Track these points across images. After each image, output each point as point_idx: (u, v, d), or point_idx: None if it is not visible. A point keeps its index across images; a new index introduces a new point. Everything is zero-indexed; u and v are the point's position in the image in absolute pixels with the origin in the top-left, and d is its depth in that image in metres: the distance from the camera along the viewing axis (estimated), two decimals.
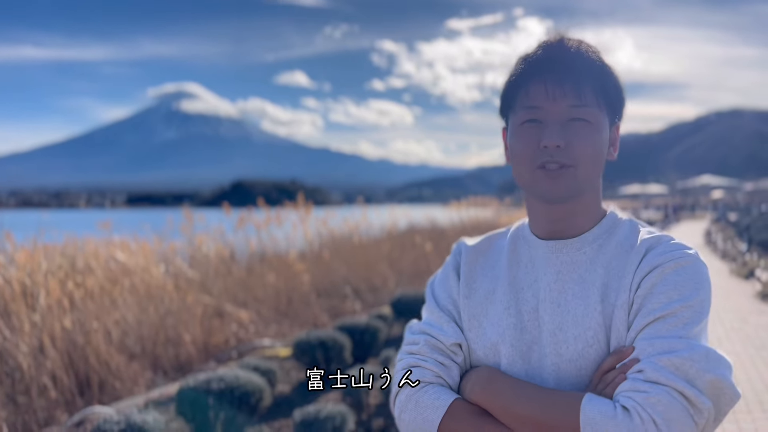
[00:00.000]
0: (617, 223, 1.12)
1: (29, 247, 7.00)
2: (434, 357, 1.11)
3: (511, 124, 1.11)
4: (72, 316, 6.20)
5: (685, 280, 1.00)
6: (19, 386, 5.41)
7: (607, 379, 0.99)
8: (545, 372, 1.06)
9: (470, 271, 1.19)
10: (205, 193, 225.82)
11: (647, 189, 67.71)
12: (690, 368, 0.92)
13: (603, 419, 0.91)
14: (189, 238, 9.80)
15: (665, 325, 0.96)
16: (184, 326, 7.12)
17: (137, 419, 2.98)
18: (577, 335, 1.04)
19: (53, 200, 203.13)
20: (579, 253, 1.09)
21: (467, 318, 1.15)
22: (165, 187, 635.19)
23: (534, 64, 1.07)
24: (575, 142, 1.04)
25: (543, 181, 1.05)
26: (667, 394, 0.90)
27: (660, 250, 1.04)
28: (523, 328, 1.09)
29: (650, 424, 0.89)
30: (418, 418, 1.06)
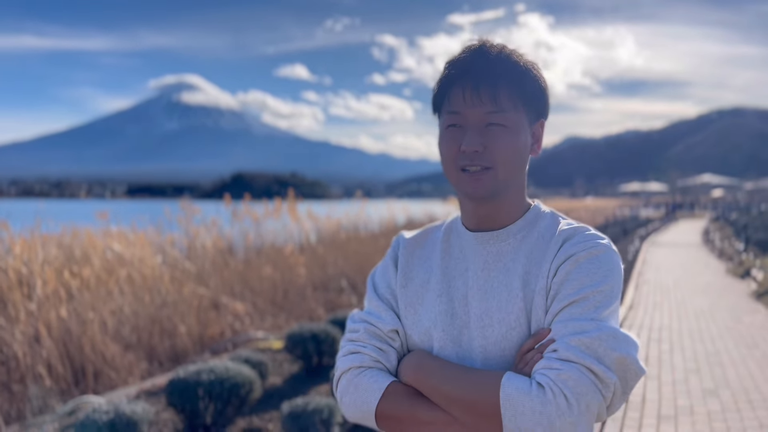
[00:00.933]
0: (539, 216, 1.20)
1: (27, 237, 7.01)
2: (373, 343, 1.18)
3: (439, 126, 1.18)
4: (68, 305, 6.22)
5: (597, 267, 1.08)
6: (14, 374, 5.44)
7: (526, 359, 1.08)
8: (474, 354, 1.14)
9: (407, 262, 1.26)
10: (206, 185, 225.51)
11: (647, 187, 67.64)
12: (599, 347, 1.00)
13: (519, 395, 1.00)
14: (186, 230, 9.81)
15: (578, 308, 1.05)
16: (179, 317, 7.14)
17: (126, 409, 3.00)
18: (501, 319, 1.12)
19: (54, 190, 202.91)
20: (504, 244, 1.17)
21: (404, 306, 1.22)
22: (166, 178, 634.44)
23: (454, 70, 1.14)
24: (493, 146, 1.11)
25: (465, 182, 1.13)
26: (577, 370, 0.99)
27: (575, 240, 1.12)
28: (454, 314, 1.17)
29: (561, 397, 0.98)
30: (358, 401, 1.14)
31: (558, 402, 0.97)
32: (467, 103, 1.11)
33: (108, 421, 2.87)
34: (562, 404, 0.97)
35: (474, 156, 1.11)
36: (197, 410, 3.41)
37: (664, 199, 59.56)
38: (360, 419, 1.16)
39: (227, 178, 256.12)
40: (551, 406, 0.97)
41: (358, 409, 1.14)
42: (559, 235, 1.14)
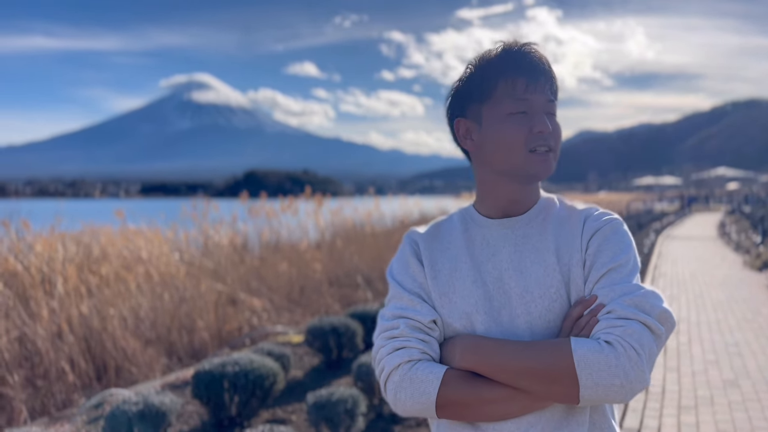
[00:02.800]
0: (550, 201, 1.32)
1: (47, 236, 7.11)
2: (416, 336, 1.22)
3: (491, 115, 1.25)
4: (89, 302, 6.30)
5: (621, 238, 1.22)
6: (38, 370, 5.52)
7: (580, 324, 1.17)
8: (519, 330, 1.21)
9: (431, 255, 1.31)
10: (219, 183, 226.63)
11: (661, 181, 67.16)
12: (645, 304, 1.13)
13: (592, 354, 1.09)
14: (202, 227, 9.89)
15: (617, 274, 1.18)
16: (197, 313, 7.21)
17: (155, 400, 3.05)
18: (542, 294, 1.21)
19: (69, 189, 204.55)
20: (528, 227, 1.27)
21: (437, 296, 1.27)
22: (179, 176, 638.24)
23: (518, 62, 1.24)
24: (555, 130, 1.25)
25: (537, 162, 1.22)
26: (637, 325, 1.11)
27: (594, 217, 1.26)
28: (491, 296, 1.24)
29: (631, 350, 1.08)
30: (416, 393, 1.17)
31: (629, 354, 1.07)
32: (535, 89, 1.22)
33: (137, 411, 2.92)
34: (633, 356, 1.08)
35: (548, 137, 1.22)
36: (222, 402, 3.46)
37: (678, 192, 59.07)
38: (418, 411, 1.19)
39: (240, 176, 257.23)
40: (624, 358, 1.07)
41: (416, 402, 1.17)
42: (579, 214, 1.27)
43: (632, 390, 1.09)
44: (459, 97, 1.29)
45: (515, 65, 1.23)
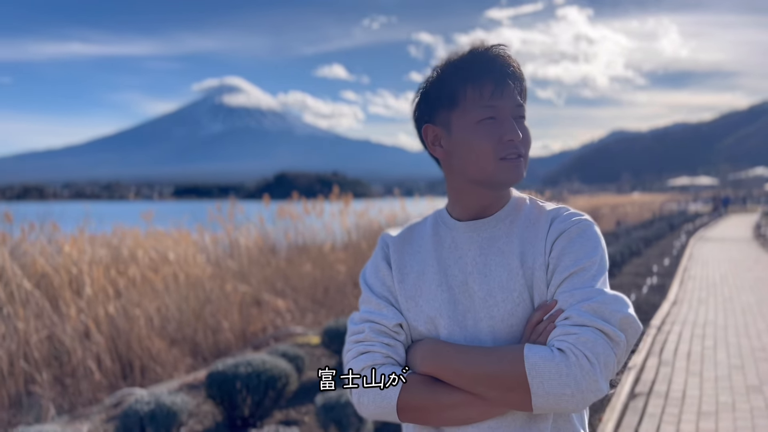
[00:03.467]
0: (521, 202, 1.29)
1: (76, 237, 7.28)
2: (380, 340, 1.22)
3: (460, 123, 1.22)
4: (116, 302, 6.44)
5: (587, 240, 1.19)
6: (66, 368, 5.67)
7: (538, 330, 1.15)
8: (482, 334, 1.20)
9: (400, 259, 1.31)
10: (250, 185, 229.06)
11: (696, 181, 65.78)
12: (605, 310, 1.10)
13: (544, 362, 1.07)
14: (228, 229, 10.02)
15: (579, 278, 1.15)
16: (222, 314, 7.32)
17: (166, 400, 3.13)
18: (505, 297, 1.19)
19: (104, 192, 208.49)
20: (495, 229, 1.25)
21: (404, 300, 1.26)
22: (211, 179, 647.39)
23: (485, 67, 1.21)
24: (524, 135, 1.22)
25: (507, 170, 1.20)
26: (592, 332, 1.08)
27: (562, 218, 1.23)
28: (456, 301, 1.22)
29: (583, 359, 1.06)
30: (377, 398, 1.17)
31: (581, 363, 1.05)
32: (503, 96, 1.20)
33: (149, 411, 3.00)
34: (585, 365, 1.05)
35: (518, 144, 1.20)
36: (235, 402, 3.53)
37: (714, 193, 57.76)
38: (380, 415, 1.19)
39: (271, 178, 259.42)
40: (575, 367, 1.05)
41: (378, 406, 1.17)
42: (546, 216, 1.24)
43: (584, 399, 1.07)
44: (426, 102, 1.27)
45: (483, 70, 1.20)
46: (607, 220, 25.03)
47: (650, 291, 9.40)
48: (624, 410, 4.32)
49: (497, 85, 1.20)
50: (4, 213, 6.94)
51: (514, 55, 1.24)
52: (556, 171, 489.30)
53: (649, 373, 5.23)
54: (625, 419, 4.16)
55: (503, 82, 1.20)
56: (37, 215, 7.77)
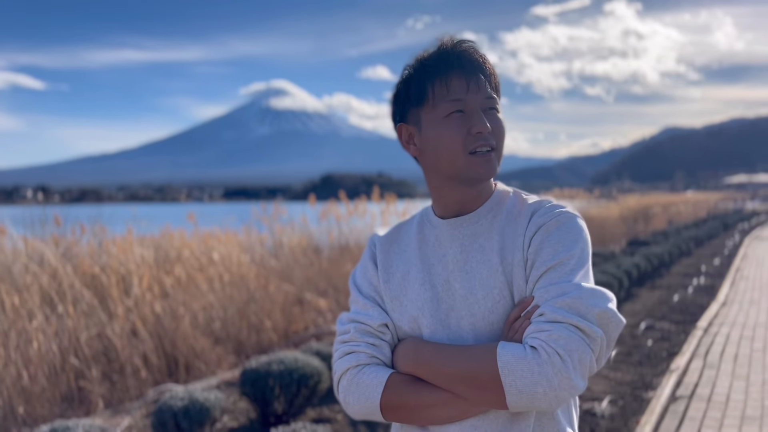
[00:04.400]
0: (504, 195, 1.27)
1: (125, 239, 7.53)
2: (365, 340, 1.23)
3: (429, 119, 1.21)
4: (162, 302, 6.64)
5: (566, 233, 1.16)
6: (114, 366, 5.87)
7: (515, 327, 1.14)
8: (464, 332, 1.19)
9: (386, 259, 1.31)
10: (297, 186, 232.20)
11: (755, 178, 63.50)
12: (580, 305, 1.08)
13: (515, 360, 1.06)
14: (272, 230, 10.19)
15: (556, 273, 1.13)
16: (266, 313, 7.46)
17: (199, 396, 3.22)
18: (485, 295, 1.18)
19: (157, 194, 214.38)
20: (477, 226, 1.24)
21: (389, 300, 1.27)
22: (259, 181, 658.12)
23: (450, 60, 1.19)
24: (495, 128, 1.20)
25: (477, 164, 1.18)
26: (565, 329, 1.06)
27: (542, 211, 1.20)
28: (439, 299, 1.22)
29: (555, 356, 1.04)
30: (362, 398, 1.19)
31: (553, 360, 1.04)
32: (470, 89, 1.18)
33: (182, 407, 3.09)
34: (557, 362, 1.04)
35: (488, 137, 1.18)
36: (268, 399, 3.60)
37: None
38: (366, 415, 1.21)
39: (317, 180, 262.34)
40: (547, 365, 1.04)
41: (362, 406, 1.19)
42: (527, 210, 1.22)
43: (557, 397, 1.05)
44: (398, 101, 1.27)
45: (448, 64, 1.19)
46: (658, 219, 24.38)
47: (698, 292, 9.14)
48: (663, 413, 4.23)
49: (463, 79, 1.19)
50: (54, 216, 7.23)
51: (481, 51, 1.23)
52: (606, 170, 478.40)
53: (693, 376, 5.09)
54: (663, 423, 4.07)
55: (470, 75, 1.19)
56: (89, 217, 8.07)
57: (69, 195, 45.66)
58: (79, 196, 49.59)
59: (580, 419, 3.98)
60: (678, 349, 5.96)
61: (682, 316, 7.48)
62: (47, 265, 6.26)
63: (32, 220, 7.22)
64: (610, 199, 25.17)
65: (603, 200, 24.20)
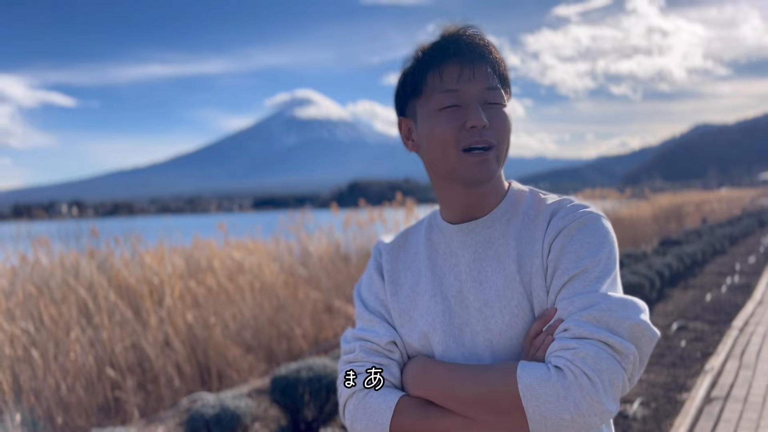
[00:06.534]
0: (520, 196, 1.15)
1: (157, 250, 7.67)
2: (372, 360, 1.13)
3: (423, 112, 1.11)
4: (194, 311, 6.74)
5: (590, 236, 1.05)
6: (148, 375, 5.99)
7: (536, 344, 1.03)
8: (480, 349, 1.08)
9: (393, 269, 1.21)
10: (325, 194, 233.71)
11: None
12: (609, 318, 0.97)
13: (539, 383, 0.95)
14: (300, 238, 10.28)
15: (580, 282, 1.01)
16: (295, 321, 7.53)
17: (230, 404, 3.27)
18: (502, 307, 1.07)
19: (187, 206, 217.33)
20: (491, 230, 1.12)
21: (398, 315, 1.17)
22: (287, 190, 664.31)
23: (446, 48, 1.08)
24: (495, 123, 1.07)
25: (472, 164, 1.06)
26: (593, 346, 0.95)
27: (562, 213, 1.08)
28: (452, 312, 1.11)
29: (583, 377, 0.93)
30: (370, 423, 1.09)
31: (581, 382, 0.93)
32: (465, 78, 1.06)
33: (214, 415, 3.15)
34: (585, 384, 0.93)
35: (483, 132, 1.06)
36: (298, 406, 3.64)
37: None
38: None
39: (344, 187, 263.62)
40: (574, 388, 0.93)
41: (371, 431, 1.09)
42: (545, 211, 1.10)
43: (586, 424, 0.94)
44: (398, 94, 1.17)
45: (443, 53, 1.08)
46: (692, 218, 23.93)
47: (734, 291, 8.95)
48: (698, 415, 4.16)
49: (458, 67, 1.07)
50: (91, 229, 7.41)
51: (486, 37, 1.10)
52: (636, 169, 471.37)
53: (728, 377, 5.00)
54: (698, 425, 4.01)
55: (466, 63, 1.07)
56: (122, 230, 8.24)
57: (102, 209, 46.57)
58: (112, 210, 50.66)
59: None
60: (712, 349, 5.86)
61: (717, 315, 7.34)
62: (83, 277, 6.41)
63: (68, 234, 7.41)
64: (641, 199, 24.76)
65: (634, 200, 23.79)
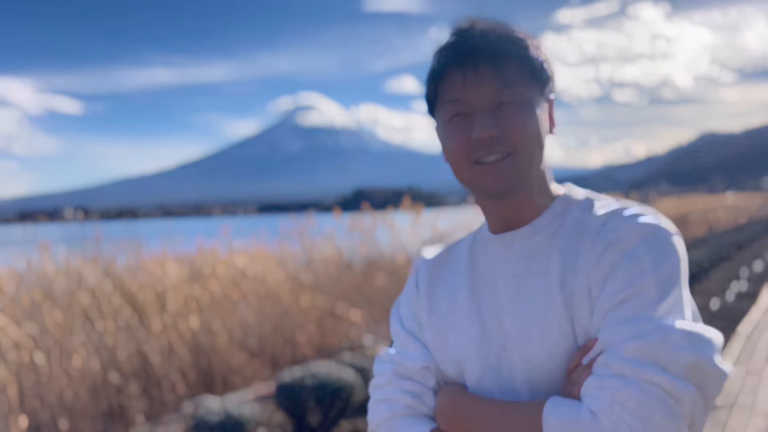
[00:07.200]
0: (571, 203, 1.00)
1: (161, 255, 7.68)
2: (403, 387, 1.03)
3: (439, 123, 1.02)
4: (198, 317, 6.75)
5: (647, 251, 0.87)
6: (152, 380, 5.99)
7: (573, 378, 0.88)
8: (517, 383, 0.95)
9: (430, 285, 1.09)
10: (328, 201, 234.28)
11: None
12: (661, 352, 0.80)
13: (567, 427, 0.82)
14: (304, 243, 10.28)
15: (630, 306, 0.84)
16: (299, 326, 7.52)
17: (234, 411, 3.27)
18: (542, 334, 0.92)
19: (193, 213, 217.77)
20: (532, 242, 0.98)
21: (432, 337, 1.05)
22: (292, 197, 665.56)
23: (446, 54, 0.97)
24: (509, 127, 0.94)
25: (483, 177, 0.96)
26: (637, 386, 0.79)
27: (615, 223, 0.92)
28: (488, 337, 0.98)
29: (622, 425, 0.79)
30: None
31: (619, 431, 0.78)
32: (468, 85, 0.94)
33: (218, 421, 3.15)
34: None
35: (490, 143, 0.94)
36: (303, 412, 3.64)
37: None
38: None
39: (348, 194, 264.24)
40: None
41: None
42: (596, 221, 0.94)
43: None
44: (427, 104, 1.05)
45: (447, 59, 0.97)
46: (698, 226, 23.85)
47: (740, 297, 8.91)
48: None
49: (462, 73, 0.95)
50: (95, 233, 7.42)
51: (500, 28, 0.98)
52: (641, 177, 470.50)
53: (734, 384, 4.96)
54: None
55: (467, 67, 0.94)
56: (126, 233, 8.26)
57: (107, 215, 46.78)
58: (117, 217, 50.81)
59: None
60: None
61: (723, 322, 7.30)
62: (88, 282, 6.43)
63: (72, 238, 7.43)
64: (646, 204, 24.68)
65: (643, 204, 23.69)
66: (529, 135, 0.95)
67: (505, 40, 0.96)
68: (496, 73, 0.94)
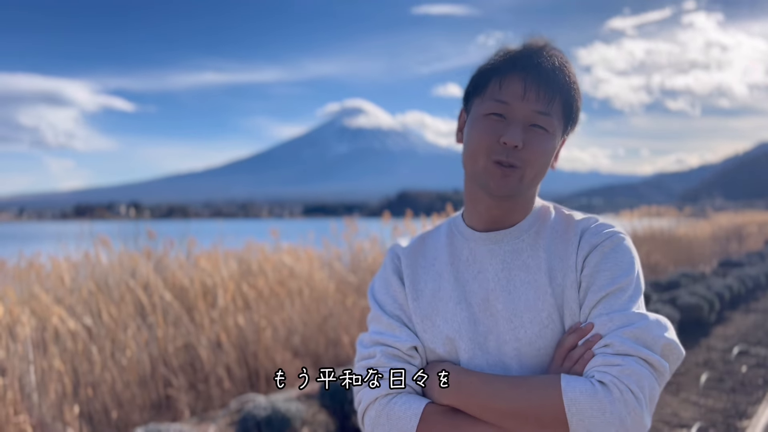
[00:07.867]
0: (546, 211, 1.19)
1: (211, 252, 7.83)
2: (393, 365, 1.11)
3: (475, 111, 1.13)
4: (245, 314, 6.85)
5: (622, 256, 1.09)
6: (199, 375, 6.10)
7: (573, 357, 1.04)
8: (506, 358, 1.09)
9: (413, 273, 1.20)
10: (373, 203, 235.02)
11: None
12: (647, 336, 1.01)
13: (584, 397, 0.97)
14: (350, 245, 10.33)
15: (616, 299, 1.05)
16: (343, 328, 7.56)
17: (281, 407, 3.30)
18: (532, 318, 1.09)
19: (240, 211, 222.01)
20: (518, 241, 1.14)
21: (419, 320, 1.16)
22: (337, 198, 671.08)
23: (516, 60, 1.09)
24: (531, 146, 1.08)
25: (494, 175, 1.09)
26: (636, 363, 0.98)
27: (593, 230, 1.12)
28: (476, 320, 1.12)
29: (628, 393, 0.96)
30: (393, 431, 1.06)
31: (626, 398, 0.96)
32: (522, 95, 1.07)
33: (265, 416, 3.18)
34: (630, 400, 0.96)
35: (513, 151, 1.07)
36: (347, 412, 3.65)
37: None
38: None
39: (393, 197, 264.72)
40: (620, 403, 0.95)
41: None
42: (576, 227, 1.14)
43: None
44: (467, 87, 1.18)
45: (513, 65, 1.09)
46: (754, 239, 23.01)
47: None
48: None
49: (521, 83, 1.07)
50: (148, 231, 7.62)
51: (563, 62, 1.11)
52: (696, 187, 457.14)
53: None
54: None
55: (531, 82, 1.07)
56: (177, 232, 8.45)
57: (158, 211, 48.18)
58: (168, 213, 52.18)
59: None
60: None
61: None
62: (140, 277, 6.59)
63: (126, 234, 7.64)
64: (701, 218, 23.95)
65: (693, 218, 23.03)
66: (542, 160, 1.11)
67: (565, 74, 1.10)
68: (546, 99, 1.08)
